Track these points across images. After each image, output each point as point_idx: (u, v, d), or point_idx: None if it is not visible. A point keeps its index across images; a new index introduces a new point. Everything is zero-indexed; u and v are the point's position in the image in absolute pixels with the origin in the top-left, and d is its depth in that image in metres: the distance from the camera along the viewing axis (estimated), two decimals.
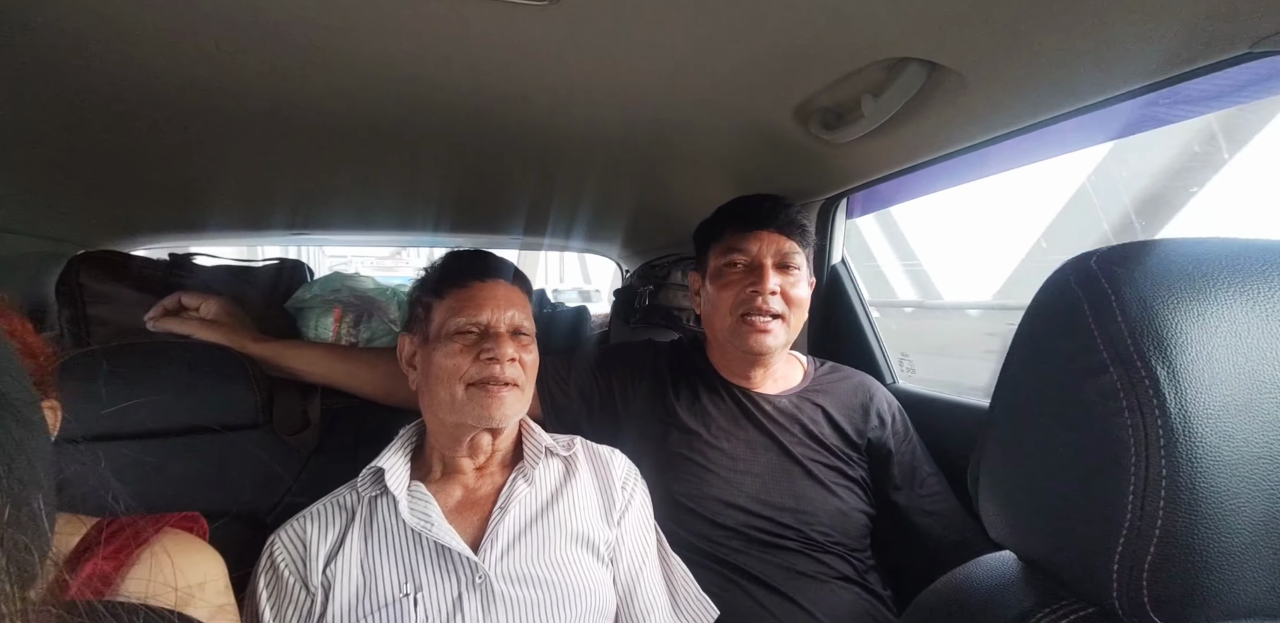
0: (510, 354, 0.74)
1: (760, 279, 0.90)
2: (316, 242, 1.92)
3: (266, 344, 0.91)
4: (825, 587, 0.83)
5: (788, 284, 0.92)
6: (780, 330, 0.91)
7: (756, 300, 0.90)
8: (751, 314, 0.91)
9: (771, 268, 0.91)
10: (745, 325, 0.91)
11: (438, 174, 1.13)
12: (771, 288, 0.90)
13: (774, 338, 0.91)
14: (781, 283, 0.91)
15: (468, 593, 0.66)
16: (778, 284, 0.91)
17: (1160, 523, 0.27)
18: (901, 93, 0.72)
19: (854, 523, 0.88)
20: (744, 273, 0.93)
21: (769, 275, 0.90)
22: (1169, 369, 0.27)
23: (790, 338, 0.93)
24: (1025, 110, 0.71)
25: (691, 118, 0.87)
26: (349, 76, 0.71)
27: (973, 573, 0.38)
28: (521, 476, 0.76)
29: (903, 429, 0.97)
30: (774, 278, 0.91)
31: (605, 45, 0.64)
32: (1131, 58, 0.58)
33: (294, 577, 0.67)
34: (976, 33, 0.59)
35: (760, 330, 0.90)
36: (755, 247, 0.92)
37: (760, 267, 0.91)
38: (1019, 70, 0.64)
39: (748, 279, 0.92)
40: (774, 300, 0.90)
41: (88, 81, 0.68)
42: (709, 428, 0.93)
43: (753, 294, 0.90)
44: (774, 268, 0.92)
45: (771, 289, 0.90)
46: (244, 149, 0.93)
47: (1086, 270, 0.31)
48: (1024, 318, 0.35)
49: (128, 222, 1.21)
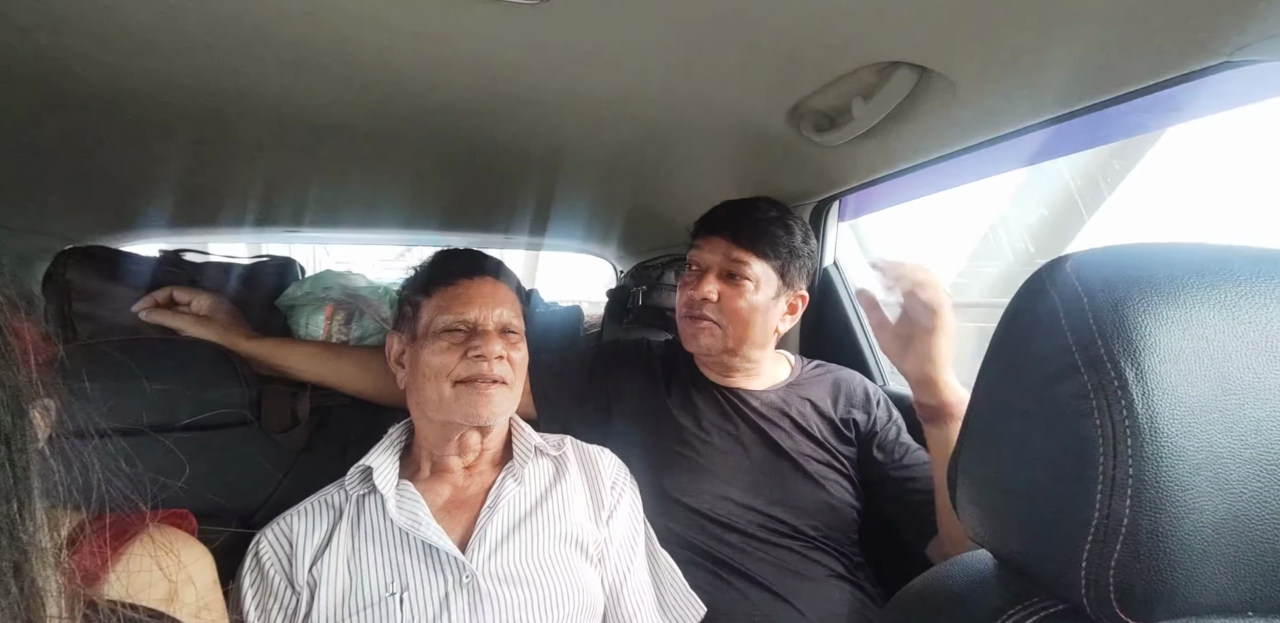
0: (498, 352, 0.74)
1: (697, 283, 0.91)
2: (310, 240, 1.92)
3: (257, 342, 0.91)
4: (818, 586, 0.84)
5: (728, 294, 0.90)
6: (715, 334, 0.91)
7: (692, 305, 0.92)
8: (687, 316, 0.92)
9: (715, 275, 0.91)
10: (685, 324, 0.93)
11: (433, 174, 1.13)
12: (703, 294, 0.90)
13: (706, 337, 0.91)
14: (721, 290, 0.90)
15: (455, 593, 0.66)
16: (714, 290, 0.90)
17: (1126, 521, 0.27)
18: (891, 96, 0.72)
19: (843, 518, 0.89)
20: (696, 276, 0.94)
21: (706, 281, 0.91)
22: (1137, 371, 0.28)
23: (736, 347, 0.92)
24: (1014, 115, 0.72)
25: (685, 119, 0.88)
26: (342, 76, 0.71)
27: (949, 571, 0.38)
28: (510, 475, 0.76)
29: (885, 412, 0.97)
30: (711, 284, 0.91)
31: (598, 46, 0.65)
32: (1115, 65, 0.59)
33: (279, 575, 0.67)
34: (965, 38, 0.60)
35: (696, 329, 0.92)
36: (705, 250, 0.93)
37: (704, 271, 0.92)
38: (1007, 76, 0.65)
39: (695, 282, 0.93)
40: (707, 307, 0.91)
41: (79, 78, 0.68)
42: (700, 423, 0.93)
43: (690, 297, 0.92)
44: (718, 275, 0.91)
45: (704, 295, 0.90)
46: (237, 147, 0.93)
47: (1062, 273, 0.32)
48: (1001, 320, 0.35)
49: (116, 217, 1.20)
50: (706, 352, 0.93)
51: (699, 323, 0.92)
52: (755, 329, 0.92)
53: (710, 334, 0.91)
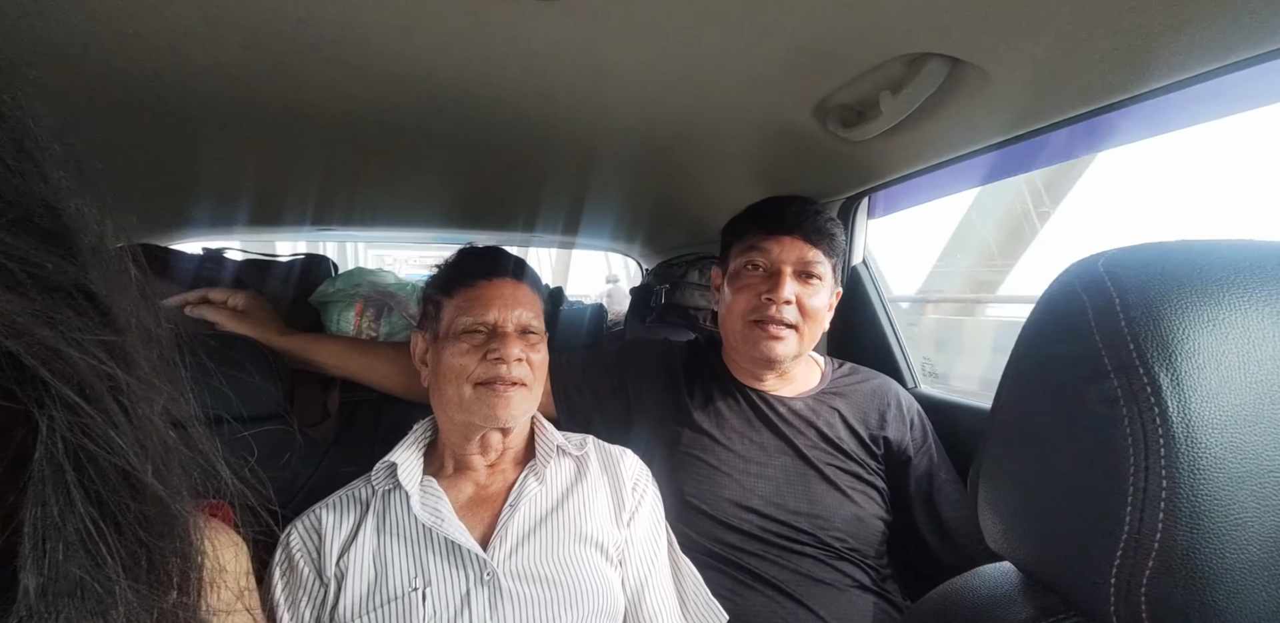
0: (517, 354, 0.74)
1: (776, 286, 0.87)
2: (342, 237, 1.97)
3: (290, 337, 0.94)
4: (842, 595, 0.81)
5: (805, 294, 0.88)
6: (792, 340, 0.88)
7: (770, 308, 0.87)
8: (764, 321, 0.88)
9: (790, 276, 0.88)
10: (757, 331, 0.89)
11: (460, 172, 1.15)
12: (786, 297, 0.87)
13: (785, 347, 0.88)
14: (799, 292, 0.88)
15: (476, 590, 0.67)
16: (794, 293, 0.88)
17: (1159, 536, 0.26)
18: (921, 89, 0.70)
19: (871, 530, 0.86)
20: (762, 277, 0.90)
21: (785, 283, 0.87)
22: (1172, 376, 0.26)
23: (805, 349, 0.91)
24: (1052, 107, 0.69)
25: (709, 116, 0.87)
26: (372, 76, 0.72)
27: (970, 583, 0.37)
28: (533, 474, 0.77)
29: (921, 435, 0.94)
30: (791, 286, 0.87)
31: (621, 40, 0.64)
32: (1165, 52, 0.56)
33: (309, 567, 0.69)
34: (1000, 27, 0.57)
35: (772, 337, 0.88)
36: (776, 251, 0.89)
37: (778, 273, 0.88)
38: (1045, 65, 0.62)
39: (764, 284, 0.89)
40: (788, 310, 0.87)
41: (123, 81, 0.71)
42: (722, 429, 0.92)
43: (767, 302, 0.88)
44: (793, 276, 0.89)
45: (786, 298, 0.87)
46: (275, 147, 0.96)
47: (1092, 273, 0.30)
48: (1028, 321, 0.34)
49: (162, 217, 1.26)
50: (782, 359, 0.89)
51: (781, 329, 0.87)
52: (820, 330, 0.91)
53: (789, 342, 0.88)
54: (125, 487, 0.22)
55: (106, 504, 0.21)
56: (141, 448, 0.22)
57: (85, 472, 0.21)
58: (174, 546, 0.23)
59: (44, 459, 0.20)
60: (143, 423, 0.22)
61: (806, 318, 0.88)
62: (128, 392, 0.22)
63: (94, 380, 0.21)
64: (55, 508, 0.20)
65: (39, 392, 0.19)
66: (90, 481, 0.21)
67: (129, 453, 0.22)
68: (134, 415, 0.22)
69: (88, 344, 0.20)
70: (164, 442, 0.24)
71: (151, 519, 0.23)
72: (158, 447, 0.23)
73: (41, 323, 0.19)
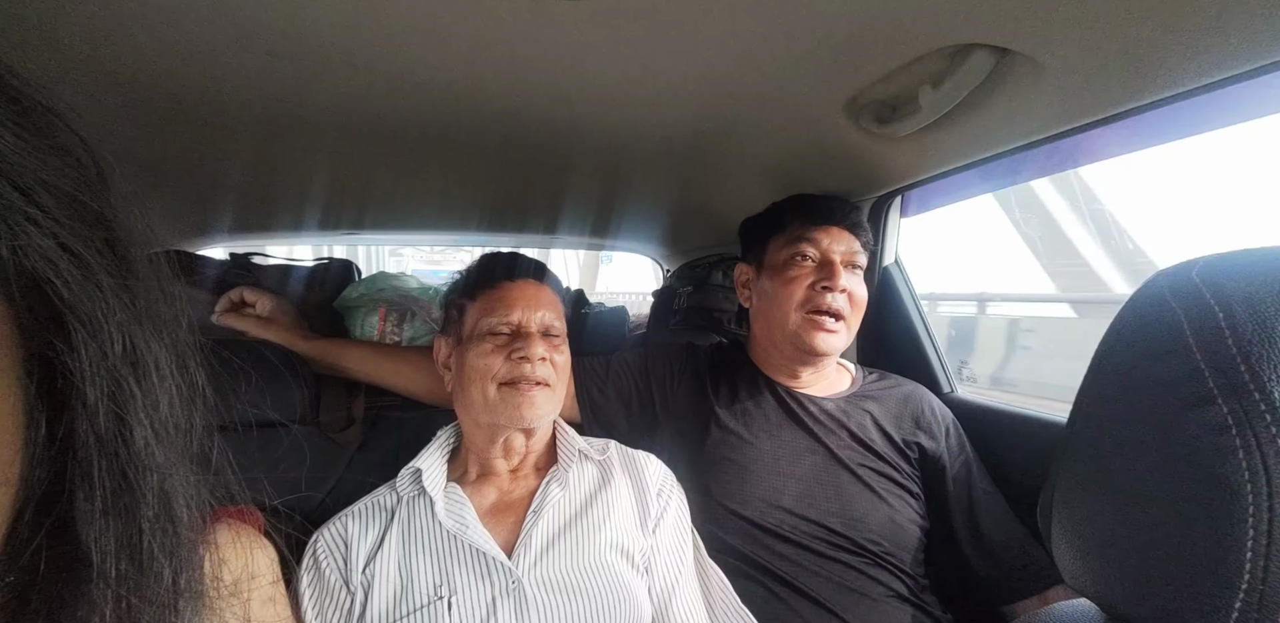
0: (541, 354, 0.74)
1: (832, 275, 0.87)
2: (365, 241, 1.99)
3: (315, 342, 0.94)
4: (877, 606, 0.78)
5: (853, 284, 0.89)
6: (843, 332, 0.88)
7: (826, 297, 0.87)
8: (819, 312, 0.87)
9: (843, 265, 0.89)
10: (810, 324, 0.88)
11: (483, 175, 1.14)
12: (842, 285, 0.87)
13: (838, 339, 0.88)
14: (848, 283, 0.88)
15: (502, 599, 0.66)
16: (847, 283, 0.87)
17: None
18: (965, 82, 0.67)
19: (908, 535, 0.83)
20: (814, 268, 0.89)
21: (840, 272, 0.87)
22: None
23: (849, 341, 0.90)
24: (1109, 99, 0.65)
25: (737, 114, 0.84)
26: (392, 80, 0.71)
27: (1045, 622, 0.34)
28: (555, 479, 0.75)
29: (957, 444, 0.91)
30: (845, 277, 0.87)
31: (648, 42, 0.62)
32: (1231, 41, 0.52)
33: (336, 575, 0.68)
34: (1056, 14, 0.54)
35: (826, 330, 0.87)
36: (826, 241, 0.89)
37: (831, 263, 0.88)
38: (1104, 55, 0.58)
39: (818, 274, 0.88)
40: (841, 299, 0.87)
41: (150, 90, 0.71)
42: (749, 428, 0.89)
43: (823, 290, 0.87)
44: (842, 266, 0.89)
45: (843, 286, 0.87)
46: (298, 153, 0.96)
47: (1186, 283, 0.27)
48: (1107, 335, 0.30)
49: (190, 223, 1.27)
50: (832, 352, 0.89)
51: (836, 321, 0.87)
52: (859, 323, 0.91)
53: (842, 334, 0.88)
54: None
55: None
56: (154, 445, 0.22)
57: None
58: (169, 543, 0.23)
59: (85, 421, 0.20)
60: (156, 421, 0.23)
61: (855, 308, 0.89)
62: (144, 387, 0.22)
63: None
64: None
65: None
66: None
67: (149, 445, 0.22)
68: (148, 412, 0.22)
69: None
70: (173, 441, 0.24)
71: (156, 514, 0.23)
72: (169, 443, 0.23)
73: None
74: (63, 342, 0.20)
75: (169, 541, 0.23)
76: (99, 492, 0.20)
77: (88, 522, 0.20)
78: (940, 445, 0.89)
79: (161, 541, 0.22)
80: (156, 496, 0.22)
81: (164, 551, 0.22)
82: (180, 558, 0.23)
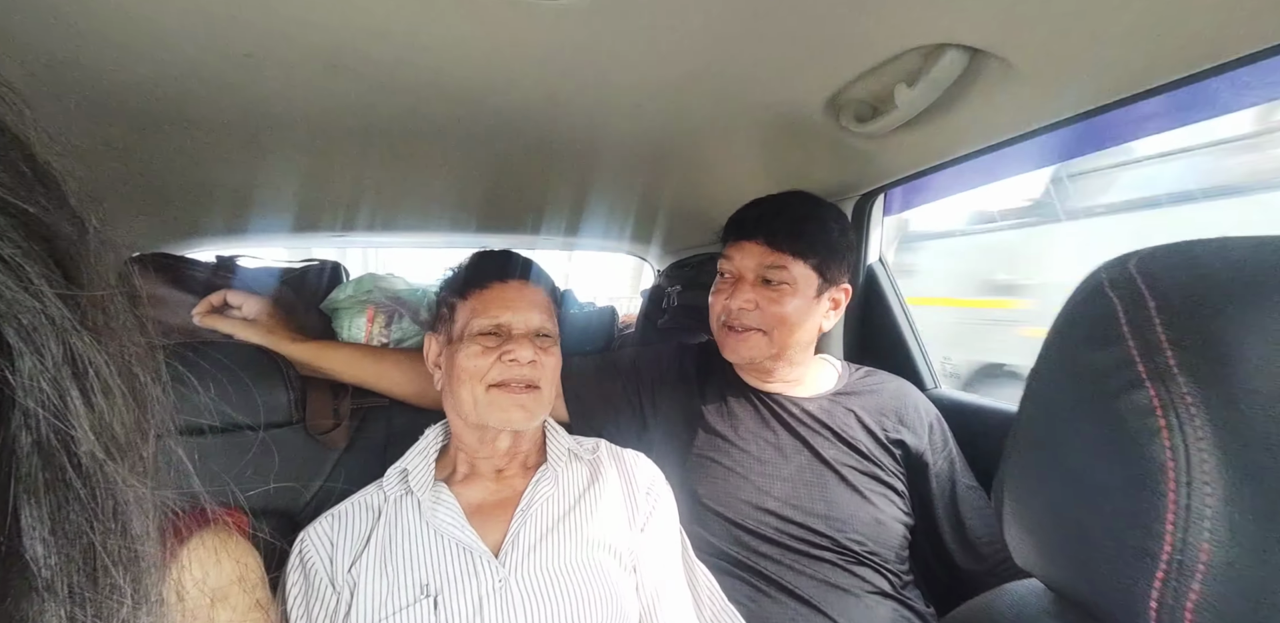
0: (530, 356, 0.74)
1: (732, 294, 0.89)
2: (354, 243, 1.98)
3: (302, 345, 0.94)
4: (860, 601, 0.79)
5: (766, 299, 0.87)
6: (759, 343, 0.88)
7: (729, 312, 0.89)
8: (726, 326, 0.90)
9: (750, 281, 0.89)
10: (724, 334, 0.91)
11: (470, 176, 1.14)
12: (741, 303, 0.88)
13: (750, 348, 0.88)
14: (758, 298, 0.88)
15: (489, 597, 0.66)
16: (751, 299, 0.88)
17: (1204, 558, 0.23)
18: (939, 81, 0.67)
19: (891, 533, 0.84)
20: (730, 284, 0.91)
21: (741, 290, 0.88)
22: (1219, 385, 0.24)
23: (780, 352, 0.89)
24: (1078, 97, 0.66)
25: (720, 113, 0.85)
26: (376, 81, 0.72)
27: (996, 602, 0.35)
28: (544, 478, 0.76)
29: (940, 439, 0.92)
30: (747, 293, 0.88)
31: (628, 41, 0.63)
32: (1202, 36, 0.53)
33: (321, 575, 0.68)
34: (1025, 15, 0.54)
35: (736, 339, 0.89)
36: (737, 257, 0.90)
37: (739, 280, 0.90)
38: (1072, 54, 0.59)
39: (729, 291, 0.90)
40: (747, 316, 0.88)
41: (134, 92, 0.71)
42: (736, 430, 0.90)
43: (725, 307, 0.90)
44: (753, 282, 0.89)
45: (742, 304, 0.88)
46: (283, 154, 0.96)
47: (1123, 273, 0.28)
48: (1053, 325, 0.31)
49: (175, 225, 1.27)
50: (749, 361, 0.91)
51: (740, 333, 0.89)
52: (801, 331, 0.89)
53: (752, 344, 0.89)
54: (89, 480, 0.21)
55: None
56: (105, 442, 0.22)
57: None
58: (123, 546, 0.23)
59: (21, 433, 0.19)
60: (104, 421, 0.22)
61: (770, 321, 0.87)
62: (96, 383, 0.21)
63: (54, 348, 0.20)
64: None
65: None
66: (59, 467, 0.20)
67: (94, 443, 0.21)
68: (98, 409, 0.22)
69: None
70: (126, 451, 0.23)
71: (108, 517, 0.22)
72: (121, 447, 0.23)
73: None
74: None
75: (125, 553, 0.22)
76: (45, 506, 0.19)
77: (34, 538, 0.19)
78: (924, 442, 0.90)
79: (117, 554, 0.22)
80: (108, 507, 0.21)
81: (119, 564, 0.22)
82: (139, 570, 0.22)
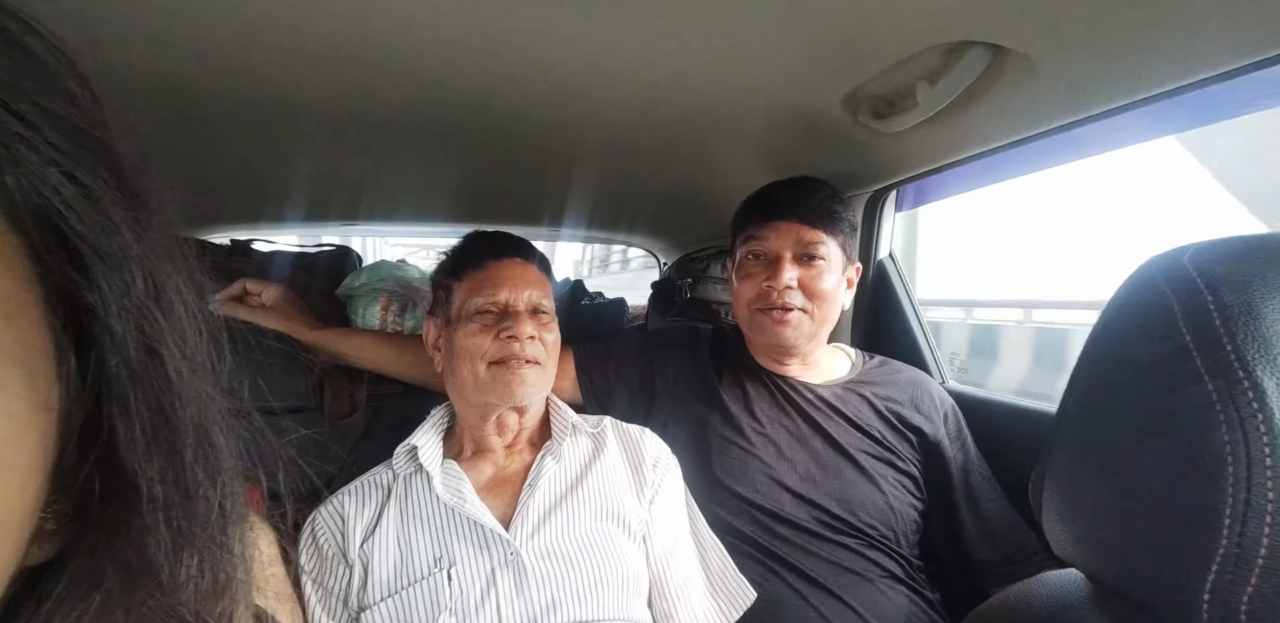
0: (529, 332, 0.75)
1: (775, 273, 0.88)
2: (364, 232, 1.99)
3: (320, 331, 0.95)
4: (872, 585, 0.81)
5: (808, 277, 0.88)
6: (803, 322, 0.89)
7: (771, 295, 0.88)
8: (768, 308, 0.89)
9: (790, 260, 0.88)
10: (763, 317, 0.89)
11: (479, 166, 1.15)
12: (787, 282, 0.87)
13: (794, 330, 0.88)
14: (801, 276, 0.88)
15: (500, 569, 0.68)
16: (794, 277, 0.88)
17: (1264, 551, 0.24)
18: (960, 79, 0.68)
19: (904, 519, 0.85)
20: (763, 266, 0.91)
21: (784, 269, 0.88)
22: (1277, 379, 0.24)
23: (817, 330, 0.90)
24: (1102, 96, 0.66)
25: (735, 107, 0.85)
26: (391, 72, 0.72)
27: (1035, 591, 0.35)
28: (549, 453, 0.77)
29: (955, 429, 0.93)
30: (791, 271, 0.88)
31: (641, 33, 0.63)
32: (1225, 37, 0.53)
33: (334, 551, 0.70)
34: (1050, 12, 0.55)
35: (778, 321, 0.88)
36: (773, 237, 0.90)
37: (778, 259, 0.89)
38: (1097, 52, 0.59)
39: (765, 272, 0.89)
40: (791, 295, 0.88)
41: (149, 79, 0.72)
42: (753, 414, 0.91)
43: (768, 289, 0.88)
44: (793, 260, 0.89)
45: (787, 283, 0.87)
46: (288, 143, 0.97)
47: (1178, 268, 0.28)
48: (1101, 318, 0.32)
49: (192, 211, 1.27)
50: (794, 342, 0.90)
51: (786, 314, 0.88)
52: (835, 308, 0.91)
53: (796, 324, 0.88)
54: None
55: None
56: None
57: None
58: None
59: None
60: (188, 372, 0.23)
61: (815, 300, 0.89)
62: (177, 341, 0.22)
63: None
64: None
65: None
66: None
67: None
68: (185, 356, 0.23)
69: None
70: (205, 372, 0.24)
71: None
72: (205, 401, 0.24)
73: None
74: (83, 277, 0.19)
75: (211, 467, 0.23)
76: (137, 423, 0.20)
77: (130, 451, 0.20)
78: (940, 431, 0.91)
79: (204, 467, 0.23)
80: (195, 424, 0.22)
81: (208, 476, 0.23)
82: (223, 484, 0.24)
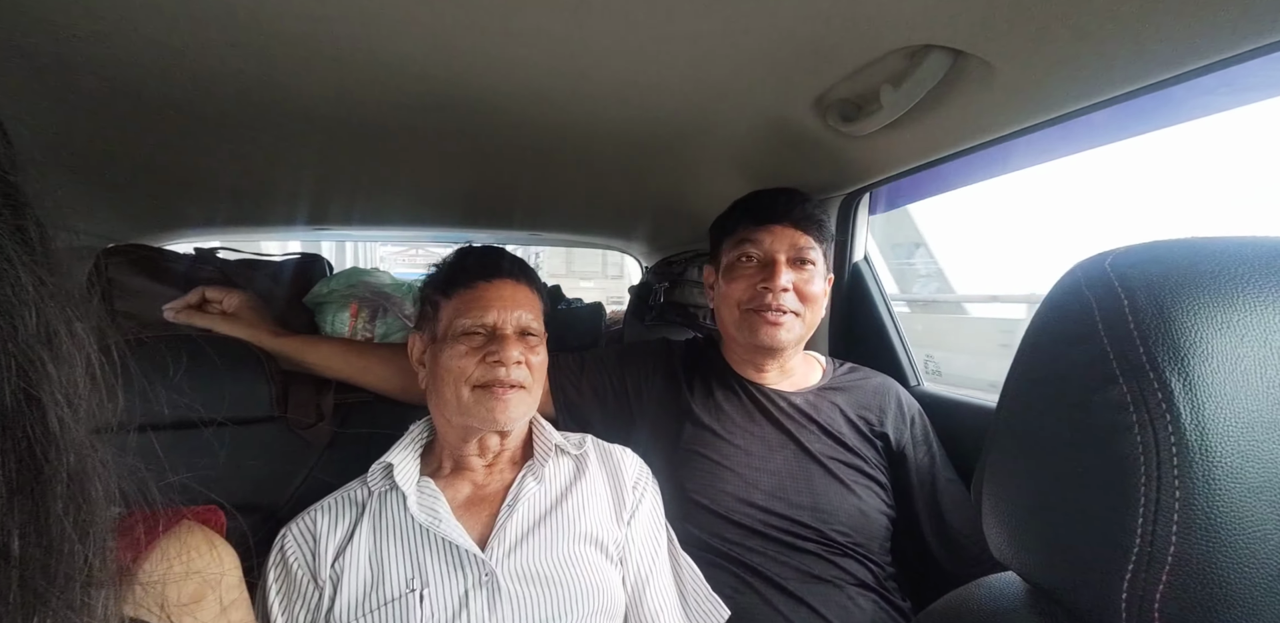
0: (516, 357, 0.74)
1: (772, 275, 0.88)
2: (339, 237, 1.97)
3: (284, 339, 0.93)
4: (841, 592, 0.81)
5: (801, 280, 0.90)
6: (794, 325, 0.89)
7: (767, 297, 0.88)
8: (762, 310, 0.89)
9: (785, 264, 0.89)
10: (756, 318, 0.90)
11: (456, 170, 1.14)
12: (784, 285, 0.88)
13: (786, 332, 0.89)
14: (795, 279, 0.89)
15: (474, 591, 0.66)
16: (790, 281, 0.89)
17: (1173, 550, 0.24)
18: (923, 82, 0.68)
19: (874, 525, 0.85)
20: (757, 268, 0.91)
21: (781, 271, 0.88)
22: (1185, 381, 0.24)
23: (805, 334, 0.91)
24: (1059, 99, 0.67)
25: (707, 112, 0.85)
26: (370, 75, 0.71)
27: (974, 595, 0.35)
28: (531, 473, 0.76)
29: (922, 433, 0.93)
30: (787, 274, 0.89)
31: (615, 38, 0.63)
32: (1176, 41, 0.54)
33: (303, 571, 0.68)
34: (1003, 18, 0.55)
35: (771, 323, 0.88)
36: (768, 241, 0.90)
37: (773, 262, 0.89)
38: (1052, 57, 0.60)
39: (760, 274, 0.90)
40: (786, 298, 0.88)
41: (120, 80, 0.70)
42: (723, 424, 0.91)
43: (763, 290, 0.89)
44: (787, 264, 0.90)
45: (784, 286, 0.88)
46: (271, 147, 0.95)
47: (1099, 272, 0.29)
48: (1032, 323, 0.32)
49: (155, 216, 1.25)
50: (784, 345, 0.90)
51: (780, 315, 0.89)
52: (820, 313, 0.93)
53: (789, 327, 0.89)
54: None
55: None
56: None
57: None
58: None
59: None
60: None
61: (807, 303, 0.90)
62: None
63: None
64: None
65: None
66: None
67: None
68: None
69: None
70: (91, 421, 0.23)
71: None
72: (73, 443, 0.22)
73: None
74: None
75: (82, 521, 0.22)
76: (4, 470, 0.19)
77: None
78: (906, 436, 0.92)
79: (74, 521, 0.22)
80: (70, 476, 0.21)
81: (77, 531, 0.22)
82: (94, 539, 0.22)
